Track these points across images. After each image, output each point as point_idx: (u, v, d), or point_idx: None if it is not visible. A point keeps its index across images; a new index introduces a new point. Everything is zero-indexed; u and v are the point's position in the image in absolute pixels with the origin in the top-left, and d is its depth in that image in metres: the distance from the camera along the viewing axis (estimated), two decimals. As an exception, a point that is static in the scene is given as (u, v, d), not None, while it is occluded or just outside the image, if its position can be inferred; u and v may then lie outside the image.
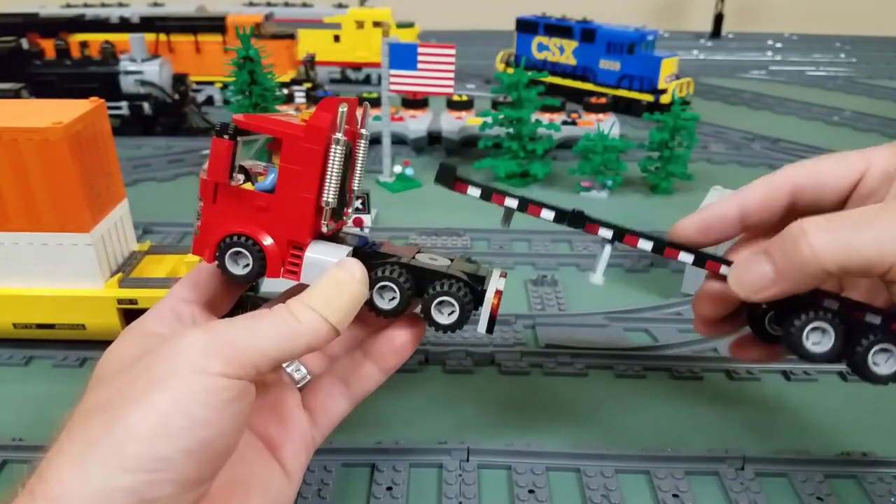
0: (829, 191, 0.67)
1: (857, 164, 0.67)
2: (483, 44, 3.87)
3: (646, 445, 0.88)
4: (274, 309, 0.56)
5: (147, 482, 0.46)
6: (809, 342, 0.63)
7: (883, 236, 0.55)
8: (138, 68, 2.10)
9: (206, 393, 0.49)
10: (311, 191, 0.60)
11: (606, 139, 1.68)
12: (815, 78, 3.20)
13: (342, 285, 0.58)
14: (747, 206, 0.69)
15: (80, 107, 0.97)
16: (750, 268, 0.62)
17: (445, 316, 0.63)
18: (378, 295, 0.63)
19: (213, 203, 0.62)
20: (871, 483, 0.82)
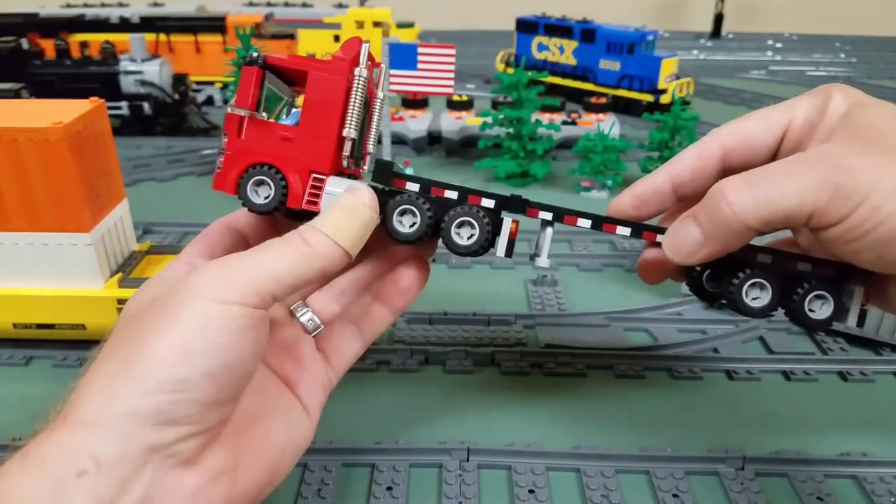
0: (758, 149, 0.68)
1: (781, 119, 0.68)
2: (483, 44, 3.87)
3: (646, 445, 0.88)
4: (285, 237, 0.58)
5: (171, 402, 0.49)
6: (749, 298, 0.65)
7: (797, 185, 0.56)
8: (138, 68, 2.10)
9: (223, 320, 0.51)
10: (333, 120, 0.62)
11: (606, 139, 1.68)
12: (815, 78, 3.20)
13: (353, 210, 0.60)
14: (678, 177, 0.70)
15: (80, 107, 0.97)
16: (679, 233, 0.63)
17: (465, 239, 0.65)
18: (398, 221, 0.64)
19: (238, 137, 0.64)
20: (871, 483, 0.82)
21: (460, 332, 1.12)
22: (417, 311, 1.17)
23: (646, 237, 0.69)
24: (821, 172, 0.57)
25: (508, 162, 1.78)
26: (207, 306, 0.51)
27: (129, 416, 0.48)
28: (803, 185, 0.57)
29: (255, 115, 0.63)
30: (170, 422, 0.49)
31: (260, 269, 0.55)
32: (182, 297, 0.52)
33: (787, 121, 0.67)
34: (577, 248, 1.44)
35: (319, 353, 0.69)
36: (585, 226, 0.69)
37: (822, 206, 0.56)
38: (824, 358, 1.06)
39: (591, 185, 1.74)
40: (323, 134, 0.63)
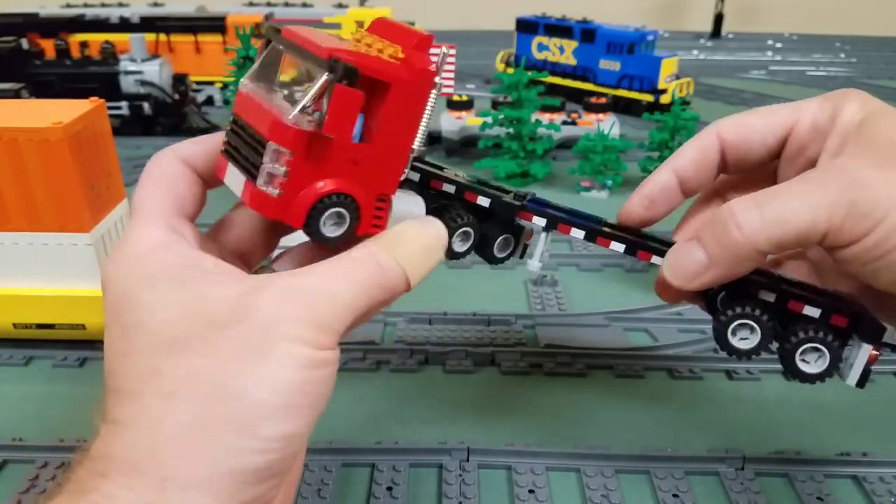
0: (757, 147, 0.66)
1: (785, 121, 0.65)
2: (483, 44, 3.87)
3: (646, 445, 0.88)
4: (358, 259, 0.52)
5: (279, 459, 0.45)
6: (736, 339, 0.61)
7: (810, 203, 0.53)
8: (138, 68, 2.10)
9: (323, 369, 0.47)
10: (410, 138, 0.56)
11: (606, 139, 1.68)
12: (815, 78, 3.20)
13: (432, 249, 0.57)
14: (683, 172, 0.68)
15: (80, 107, 0.97)
16: (681, 255, 0.60)
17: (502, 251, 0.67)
18: (456, 241, 0.63)
19: (305, 158, 0.51)
20: (871, 483, 0.82)
21: (460, 332, 1.12)
22: (417, 311, 1.17)
23: (640, 256, 0.66)
24: (835, 188, 0.53)
25: (508, 162, 1.78)
26: (308, 352, 0.46)
27: (233, 476, 0.43)
28: (817, 202, 0.53)
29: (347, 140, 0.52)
30: (274, 476, 0.46)
31: (343, 301, 0.49)
32: (273, 334, 0.45)
33: (791, 122, 0.65)
34: (576, 248, 1.43)
35: None
36: (578, 236, 0.67)
37: (837, 224, 0.53)
38: (824, 358, 1.06)
39: (591, 185, 1.74)
40: (397, 152, 0.55)
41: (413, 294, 1.08)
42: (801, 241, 0.54)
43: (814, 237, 0.53)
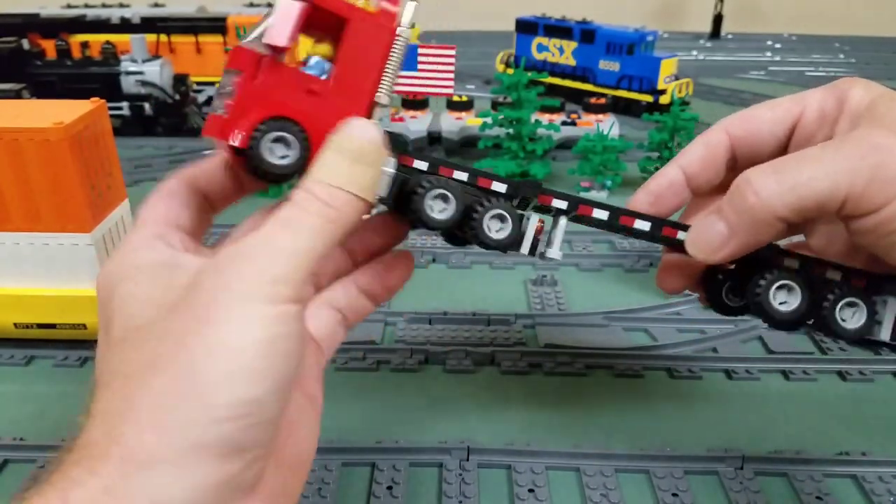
0: (766, 139, 0.65)
1: (792, 110, 0.64)
2: (483, 44, 3.87)
3: (645, 445, 0.88)
4: (296, 202, 0.50)
5: (242, 428, 0.43)
6: (776, 302, 0.60)
7: (831, 167, 0.52)
8: (139, 69, 2.10)
9: (284, 324, 0.45)
10: (369, 81, 0.55)
11: (606, 139, 1.68)
12: (814, 78, 3.20)
13: (365, 155, 0.52)
14: (690, 168, 0.67)
15: (81, 107, 0.97)
16: (703, 228, 0.59)
17: (495, 232, 0.61)
18: (429, 206, 0.59)
19: (253, 78, 0.53)
20: (871, 483, 0.82)
21: (460, 332, 1.12)
22: (417, 311, 1.17)
23: (665, 232, 0.64)
24: (857, 153, 0.51)
25: (508, 162, 1.78)
26: (262, 309, 0.44)
27: (195, 451, 0.41)
28: (837, 166, 0.51)
29: (281, 56, 0.53)
30: (240, 449, 0.43)
31: (296, 249, 0.47)
32: (222, 298, 0.44)
33: (798, 111, 0.64)
34: (576, 248, 1.44)
35: (311, 342, 0.63)
36: (602, 217, 0.65)
37: (858, 190, 0.50)
38: (823, 357, 1.06)
39: (591, 185, 1.74)
40: (356, 94, 0.54)
41: (413, 294, 1.08)
42: (820, 208, 0.52)
43: (833, 204, 0.52)
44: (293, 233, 0.48)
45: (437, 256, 1.40)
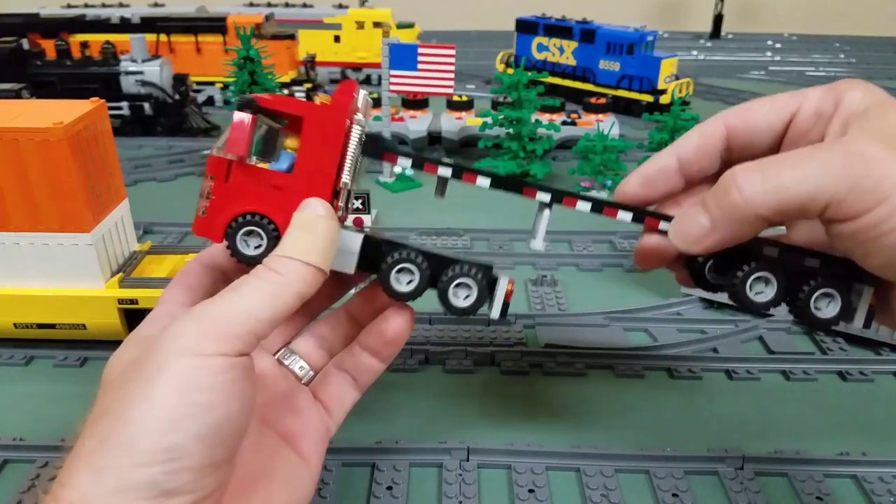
0: (762, 132, 0.66)
1: (789, 105, 0.65)
2: (483, 44, 3.87)
3: (645, 445, 0.88)
4: (253, 272, 0.55)
5: (164, 472, 0.45)
6: (753, 292, 0.63)
7: (815, 172, 0.53)
8: (139, 69, 2.10)
9: (206, 377, 0.48)
10: (330, 169, 0.59)
11: (606, 139, 1.68)
12: (814, 78, 3.20)
13: (312, 225, 0.57)
14: (684, 155, 0.68)
15: (81, 107, 0.97)
16: (687, 220, 0.61)
17: (462, 299, 0.65)
18: (395, 279, 0.63)
19: (225, 182, 0.60)
20: (871, 483, 0.82)
21: (460, 332, 1.12)
22: (418, 311, 1.16)
23: (648, 223, 0.67)
24: (841, 160, 0.53)
25: (508, 162, 1.78)
26: (187, 362, 0.47)
27: (122, 492, 0.44)
28: (822, 172, 0.53)
29: (244, 160, 0.59)
30: (166, 493, 0.45)
31: (235, 310, 0.51)
32: (159, 355, 0.48)
33: (795, 106, 0.64)
34: (576, 248, 1.44)
35: (317, 403, 0.67)
36: (585, 209, 0.67)
37: (840, 196, 0.52)
38: (824, 358, 1.06)
39: (591, 185, 1.74)
40: (319, 183, 0.59)
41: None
42: (801, 210, 0.54)
43: (815, 208, 0.53)
44: (238, 296, 0.52)
45: (437, 256, 1.39)
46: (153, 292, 1.01)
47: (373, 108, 2.12)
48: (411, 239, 1.47)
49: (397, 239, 0.66)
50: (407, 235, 1.49)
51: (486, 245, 1.47)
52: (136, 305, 1.01)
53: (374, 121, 2.05)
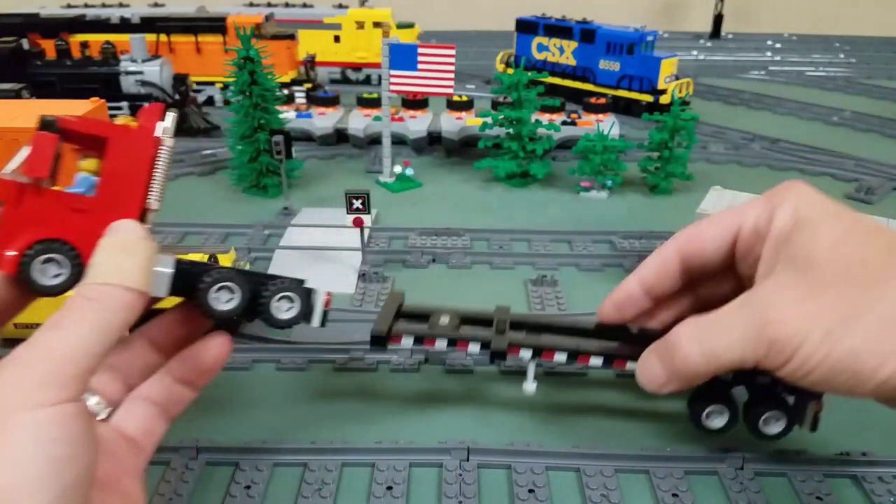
0: (712, 254, 0.75)
1: (731, 226, 0.73)
2: (483, 44, 3.87)
3: (645, 445, 0.88)
4: (66, 305, 0.51)
5: None
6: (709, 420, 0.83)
7: (737, 341, 0.65)
8: (139, 69, 2.10)
9: (61, 427, 0.44)
10: (138, 191, 0.57)
11: (606, 139, 1.68)
12: (814, 78, 3.21)
13: (130, 247, 0.54)
14: (646, 281, 0.79)
15: (81, 107, 0.97)
16: (646, 369, 0.73)
17: (284, 312, 0.66)
18: (215, 298, 0.62)
19: (17, 206, 0.55)
20: (871, 483, 0.82)
21: (460, 332, 1.12)
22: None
23: (615, 366, 0.82)
24: (755, 329, 0.64)
25: (508, 162, 1.78)
26: (34, 415, 0.43)
27: None
28: (742, 340, 0.65)
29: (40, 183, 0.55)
30: None
31: (67, 349, 0.47)
32: None
33: (736, 227, 0.73)
34: (576, 248, 1.44)
35: (125, 439, 0.60)
36: (561, 360, 0.83)
37: (760, 358, 0.64)
38: (824, 358, 1.06)
39: (591, 185, 1.74)
40: (126, 205, 0.57)
41: (413, 294, 1.08)
42: (732, 369, 0.67)
43: (746, 366, 0.66)
44: (64, 332, 0.48)
45: (437, 256, 1.40)
46: (153, 292, 1.00)
47: (372, 109, 2.12)
48: (411, 239, 1.47)
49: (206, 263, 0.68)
50: (407, 235, 1.49)
51: (486, 245, 1.47)
52: (136, 305, 1.01)
53: (374, 121, 2.05)
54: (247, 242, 1.44)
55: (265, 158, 1.67)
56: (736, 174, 1.93)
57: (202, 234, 1.50)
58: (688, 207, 1.33)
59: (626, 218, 1.61)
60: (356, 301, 1.23)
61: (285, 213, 1.60)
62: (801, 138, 2.20)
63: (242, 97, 1.64)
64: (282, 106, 1.92)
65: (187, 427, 0.90)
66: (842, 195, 1.76)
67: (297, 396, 0.98)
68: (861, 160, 1.97)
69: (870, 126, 2.38)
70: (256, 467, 0.83)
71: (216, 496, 0.80)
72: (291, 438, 0.88)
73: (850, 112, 2.51)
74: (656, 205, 1.71)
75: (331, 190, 1.78)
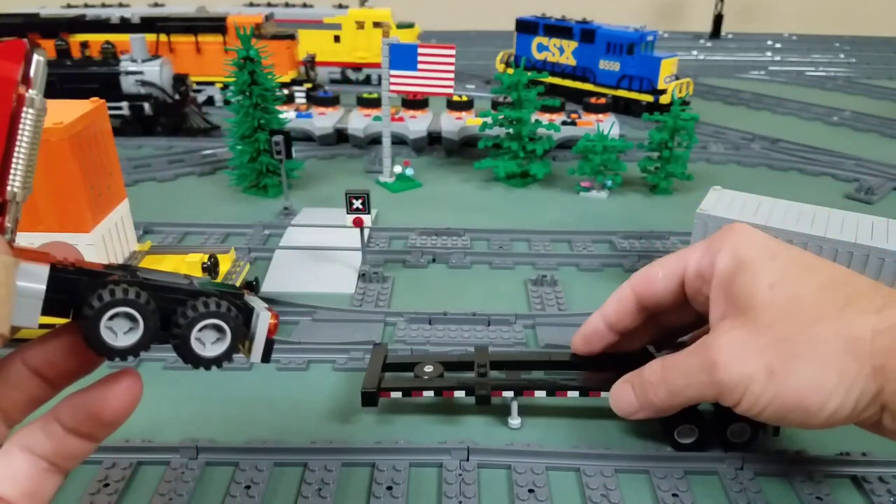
0: (663, 294, 0.83)
1: (676, 269, 0.81)
2: (483, 44, 3.87)
3: (645, 445, 0.88)
4: None
5: None
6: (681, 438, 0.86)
7: (694, 382, 0.74)
8: (139, 69, 2.10)
9: None
10: None
11: (606, 139, 1.68)
12: (814, 78, 3.20)
13: None
14: (608, 318, 0.88)
15: (81, 107, 0.97)
16: (619, 396, 0.83)
17: (209, 345, 0.48)
18: (108, 329, 0.44)
19: None
20: (871, 483, 0.82)
21: (460, 332, 1.12)
22: (417, 311, 1.17)
23: (591, 395, 0.90)
24: (706, 373, 0.72)
25: (508, 162, 1.78)
26: None
27: None
28: (698, 383, 0.73)
29: None
30: None
31: None
32: None
33: (681, 270, 0.80)
34: (576, 248, 1.44)
35: None
36: (542, 395, 0.90)
37: (716, 397, 0.72)
38: (824, 358, 1.06)
39: (591, 185, 1.74)
40: None
41: (413, 294, 1.08)
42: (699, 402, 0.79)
43: (707, 402, 0.77)
44: None
45: (437, 256, 1.39)
46: (153, 292, 1.00)
47: (372, 109, 2.12)
48: (411, 239, 1.47)
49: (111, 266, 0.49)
50: (407, 235, 1.49)
51: (486, 245, 1.47)
52: (136, 305, 1.01)
53: (374, 121, 2.05)
54: (247, 242, 1.44)
55: (265, 158, 1.67)
56: (736, 174, 1.93)
57: (202, 234, 1.50)
58: (688, 207, 1.33)
59: (626, 218, 1.61)
60: (356, 301, 1.23)
61: (285, 213, 1.60)
62: (801, 138, 2.20)
63: (242, 97, 1.64)
64: (282, 106, 1.92)
65: (187, 427, 0.90)
66: (842, 195, 1.76)
67: (297, 396, 0.98)
68: (861, 160, 1.97)
69: (870, 126, 2.38)
70: (256, 467, 0.83)
71: (216, 496, 0.80)
72: (291, 438, 0.88)
73: (850, 112, 2.50)
74: (656, 205, 1.71)
75: (331, 190, 1.78)
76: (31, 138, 0.43)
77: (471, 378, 0.92)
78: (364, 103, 2.15)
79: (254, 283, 1.15)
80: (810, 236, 1.05)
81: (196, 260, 1.05)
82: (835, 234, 1.05)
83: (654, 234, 1.47)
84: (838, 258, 1.04)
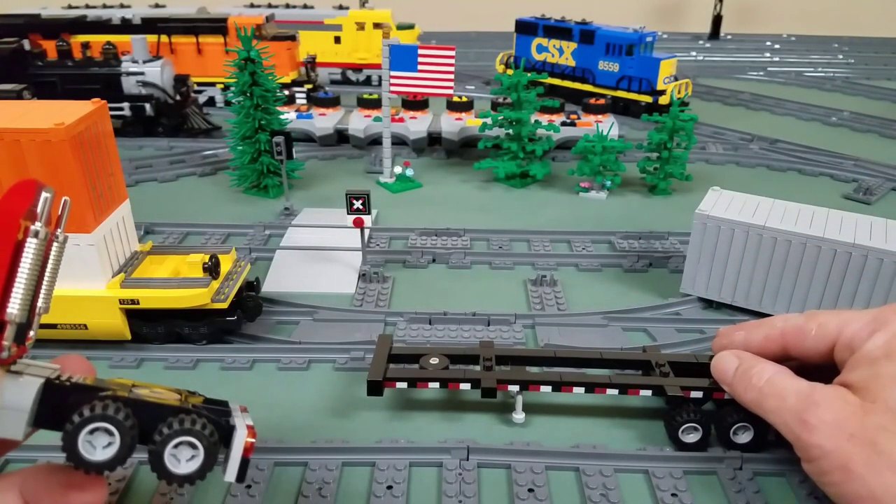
0: (809, 350, 0.82)
1: (832, 333, 0.80)
2: (483, 45, 3.87)
3: (644, 445, 0.88)
4: None
5: None
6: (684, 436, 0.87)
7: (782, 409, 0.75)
8: (140, 69, 2.10)
9: None
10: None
11: (605, 140, 1.68)
12: (813, 79, 3.21)
13: None
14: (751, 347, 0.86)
15: (82, 108, 0.98)
16: (722, 363, 0.84)
17: (183, 463, 0.50)
18: (86, 443, 0.47)
19: None
20: (869, 482, 0.82)
21: (460, 332, 1.13)
22: (417, 311, 1.17)
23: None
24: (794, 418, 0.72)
25: (508, 163, 1.79)
26: None
27: None
28: (782, 420, 0.74)
29: None
30: None
31: None
32: None
33: (835, 336, 0.79)
34: (576, 248, 1.44)
35: None
36: (547, 390, 0.90)
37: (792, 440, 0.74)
38: (822, 358, 1.06)
39: (590, 185, 1.75)
40: None
41: (413, 294, 1.08)
42: None
43: None
44: None
45: (437, 256, 1.40)
46: (154, 293, 1.01)
47: (373, 110, 2.12)
48: (411, 239, 1.47)
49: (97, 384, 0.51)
50: (407, 236, 1.49)
51: (486, 245, 1.47)
52: (137, 306, 1.02)
53: (375, 121, 2.06)
54: (248, 242, 1.44)
55: (266, 159, 1.67)
56: (735, 174, 1.94)
57: (203, 234, 1.50)
58: (687, 208, 1.33)
59: (626, 218, 1.61)
60: (356, 301, 1.23)
61: (286, 214, 1.60)
62: (799, 139, 2.20)
63: (243, 98, 1.64)
64: (282, 107, 1.92)
65: (188, 426, 0.91)
66: (840, 195, 1.76)
67: (297, 396, 0.99)
68: (860, 160, 1.98)
69: (869, 126, 2.38)
70: (257, 467, 0.83)
71: (216, 496, 0.80)
72: (291, 438, 0.89)
73: (848, 113, 2.51)
74: (655, 205, 1.71)
75: (331, 190, 1.78)
76: (31, 266, 0.47)
77: (477, 371, 0.92)
78: (364, 104, 2.16)
79: (255, 282, 1.15)
80: (809, 236, 1.06)
81: (197, 260, 1.06)
82: (833, 235, 1.05)
83: (653, 234, 1.47)
84: (837, 258, 1.04)
